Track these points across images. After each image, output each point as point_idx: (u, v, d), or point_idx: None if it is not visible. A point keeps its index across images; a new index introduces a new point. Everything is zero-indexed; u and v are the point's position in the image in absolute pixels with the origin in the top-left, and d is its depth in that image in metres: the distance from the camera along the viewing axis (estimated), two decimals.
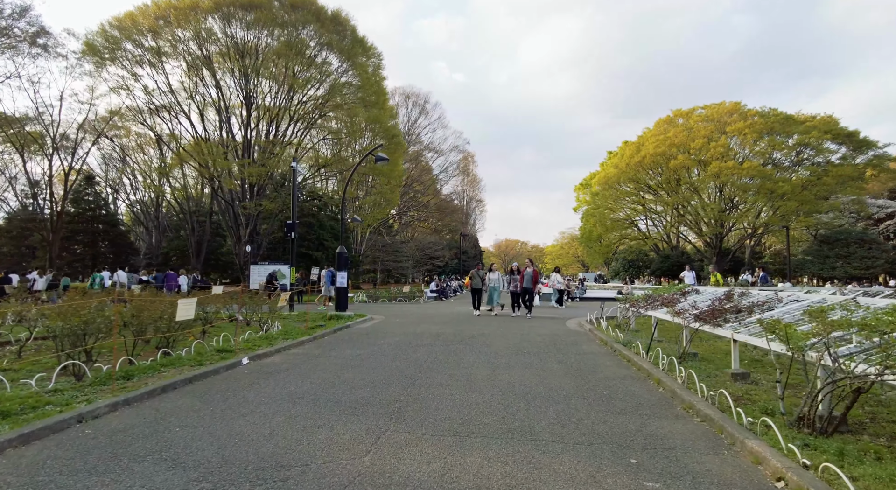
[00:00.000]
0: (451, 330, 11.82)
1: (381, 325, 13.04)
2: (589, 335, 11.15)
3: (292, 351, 8.93)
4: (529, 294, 14.70)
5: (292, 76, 26.73)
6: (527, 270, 14.64)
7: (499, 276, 15.30)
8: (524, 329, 11.91)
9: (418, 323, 13.50)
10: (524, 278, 14.55)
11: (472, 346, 9.35)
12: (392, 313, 17.02)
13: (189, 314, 7.05)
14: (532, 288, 14.75)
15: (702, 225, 46.99)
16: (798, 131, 41.60)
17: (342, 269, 14.69)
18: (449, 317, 15.53)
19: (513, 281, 14.90)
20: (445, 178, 56.36)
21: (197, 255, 34.94)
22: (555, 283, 20.42)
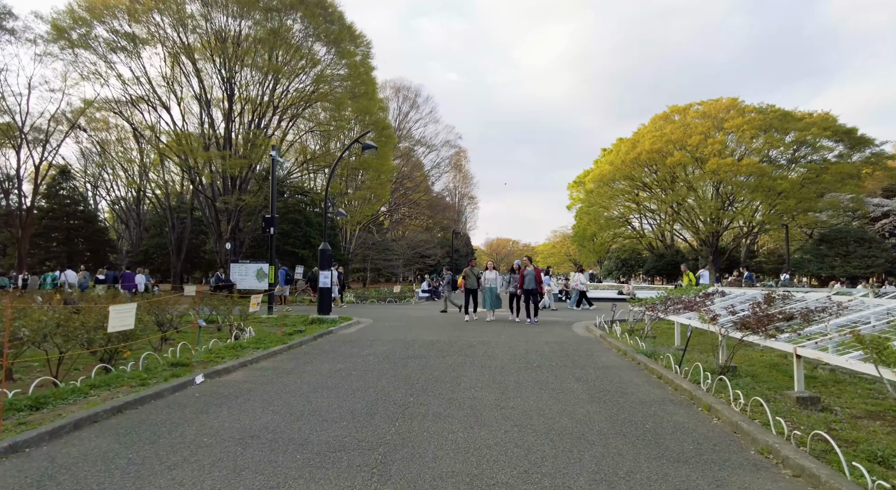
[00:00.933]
0: (447, 336, 10.53)
1: (368, 331, 11.72)
2: (601, 343, 9.92)
3: (260, 365, 7.59)
4: (533, 296, 13.00)
5: (276, 64, 25.24)
6: (527, 269, 13.04)
7: (496, 275, 13.64)
8: (528, 336, 10.65)
9: (409, 327, 12.20)
10: (524, 278, 13.01)
11: (472, 357, 8.07)
12: (381, 316, 15.70)
13: (126, 323, 5.69)
14: (536, 289, 13.03)
15: (698, 223, 46.13)
16: (796, 128, 40.83)
17: (325, 267, 13.35)
18: (443, 320, 14.23)
19: (513, 281, 13.52)
20: (437, 175, 55.09)
21: (177, 252, 33.34)
22: (577, 283, 19.15)
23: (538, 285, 13.16)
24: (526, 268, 13.19)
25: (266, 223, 14.74)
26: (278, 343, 9.27)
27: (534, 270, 13.06)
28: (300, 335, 10.74)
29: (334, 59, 28.02)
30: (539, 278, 13.20)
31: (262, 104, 27.42)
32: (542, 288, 13.58)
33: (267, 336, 10.33)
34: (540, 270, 13.54)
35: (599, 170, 52.66)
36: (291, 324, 12.93)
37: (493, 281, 13.46)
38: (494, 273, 13.66)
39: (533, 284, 13.05)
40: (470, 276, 13.81)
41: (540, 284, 13.25)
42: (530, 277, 13.09)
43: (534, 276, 13.06)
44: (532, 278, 13.05)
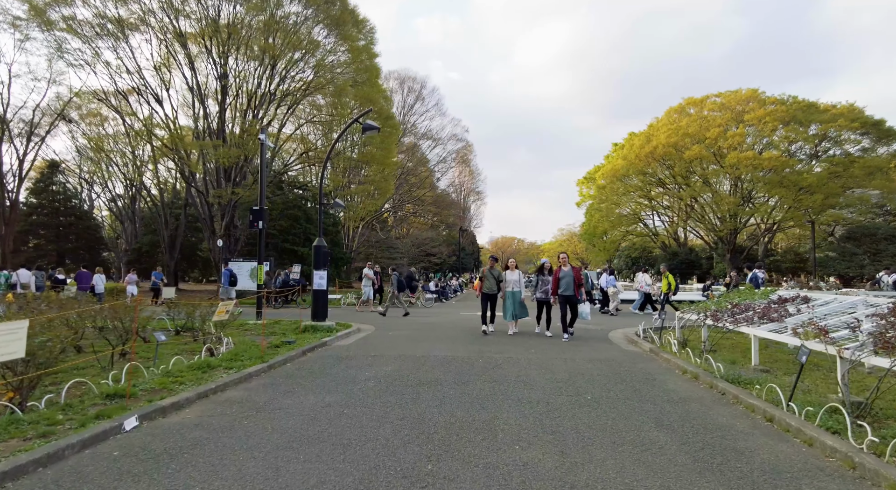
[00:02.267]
0: (465, 351, 8.69)
1: (369, 342, 9.91)
2: (656, 360, 8.07)
3: (226, 395, 5.78)
4: (571, 304, 10.24)
5: (271, 45, 23.46)
6: (563, 270, 10.32)
7: (520, 276, 11.01)
8: (564, 352, 8.78)
9: (418, 338, 10.38)
10: (560, 281, 10.29)
11: (502, 384, 6.24)
12: (384, 321, 13.90)
13: (11, 351, 3.89)
14: (575, 294, 10.25)
15: (715, 220, 44.15)
16: (821, 119, 38.79)
17: (320, 266, 11.55)
18: (456, 327, 12.40)
19: (542, 284, 10.78)
20: (443, 170, 53.19)
21: (170, 250, 31.63)
22: (641, 284, 16.91)
23: (576, 290, 10.40)
24: (561, 267, 10.48)
25: (254, 216, 12.96)
26: (257, 360, 7.47)
27: (571, 271, 10.36)
28: (287, 348, 8.95)
29: (335, 44, 26.21)
30: (579, 280, 10.43)
31: (258, 93, 25.66)
32: (580, 293, 10.58)
33: (247, 349, 8.56)
34: (579, 269, 10.60)
35: (612, 165, 50.67)
36: (281, 332, 11.17)
37: (515, 283, 10.85)
38: (518, 274, 11.00)
39: (571, 289, 10.27)
40: (489, 279, 10.99)
41: (579, 288, 10.46)
42: (568, 280, 10.28)
43: (572, 278, 10.27)
44: (570, 281, 10.27)
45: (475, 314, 15.80)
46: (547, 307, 10.90)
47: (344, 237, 40.77)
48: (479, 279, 11.68)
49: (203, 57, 25.84)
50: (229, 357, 7.87)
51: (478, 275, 21.33)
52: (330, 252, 36.93)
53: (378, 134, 29.10)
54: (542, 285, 10.88)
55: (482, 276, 11.39)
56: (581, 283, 10.61)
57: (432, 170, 51.82)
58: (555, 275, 10.53)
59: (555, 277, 10.50)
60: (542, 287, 10.89)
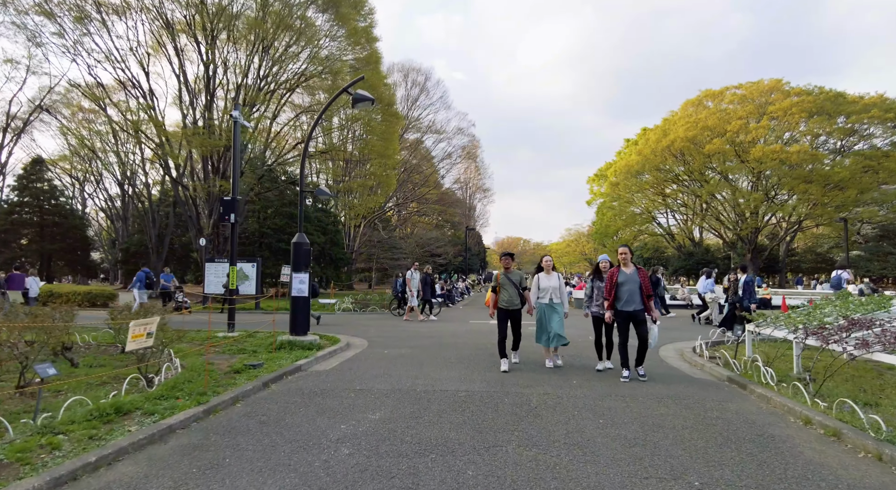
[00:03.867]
0: (483, 383, 6.50)
1: (356, 366, 7.72)
2: (748, 397, 5.83)
3: (109, 476, 3.61)
4: (636, 323, 6.64)
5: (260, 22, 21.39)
6: (622, 272, 6.71)
7: (560, 282, 7.35)
8: (618, 385, 6.54)
9: (420, 358, 8.20)
10: (616, 288, 6.65)
11: (549, 453, 4.03)
12: (380, 333, 11.72)
13: None
14: (645, 309, 6.69)
15: (736, 218, 41.76)
16: (852, 111, 36.35)
17: (300, 268, 9.38)
18: (468, 342, 10.20)
19: (598, 294, 7.13)
20: (448, 166, 50.88)
21: (157, 250, 29.62)
22: (707, 290, 13.97)
23: (646, 302, 6.68)
24: (620, 268, 6.83)
25: (224, 208, 10.82)
26: (195, 400, 5.31)
27: (637, 273, 6.74)
28: (248, 375, 6.82)
29: (331, 26, 24.11)
30: (647, 288, 6.72)
31: (247, 82, 23.62)
32: (651, 306, 6.82)
33: (197, 375, 6.44)
34: (646, 272, 6.93)
35: (625, 161, 48.33)
36: (251, 349, 9.02)
37: (556, 293, 7.24)
38: (558, 279, 7.33)
39: (637, 301, 6.62)
40: (506, 287, 7.23)
41: (649, 299, 6.73)
42: (631, 288, 6.63)
43: (638, 285, 6.65)
44: (635, 290, 6.62)
45: (488, 323, 13.63)
46: (608, 328, 7.19)
47: (345, 237, 38.68)
48: (491, 290, 7.66)
49: (190, 42, 23.81)
50: (164, 390, 5.75)
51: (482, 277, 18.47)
52: (331, 253, 35.03)
53: (380, 124, 27.06)
54: (599, 295, 7.20)
55: (496, 285, 7.41)
56: (651, 293, 6.76)
57: (437, 167, 49.64)
58: (609, 278, 6.77)
59: (609, 282, 6.75)
60: (598, 298, 7.21)
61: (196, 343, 9.99)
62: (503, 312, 7.37)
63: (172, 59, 23.68)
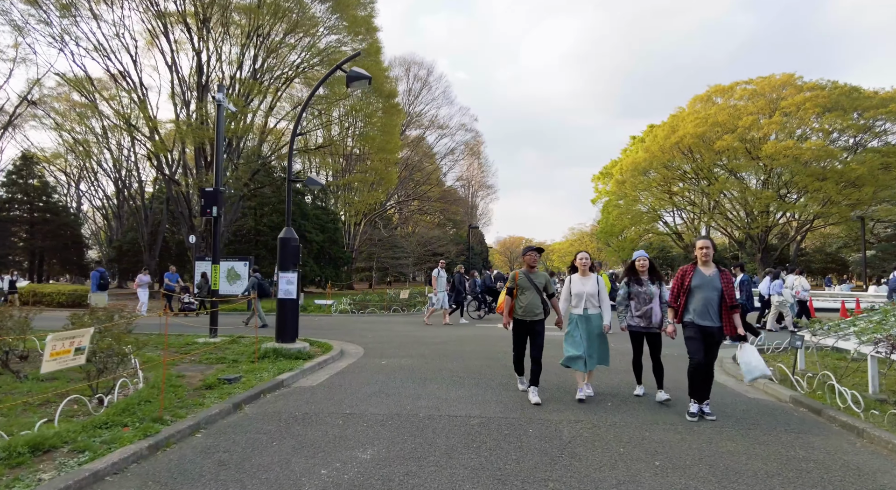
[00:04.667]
0: (500, 405, 5.40)
1: (347, 382, 6.63)
2: (830, 427, 4.74)
3: None
4: (710, 342, 4.90)
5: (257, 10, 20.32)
6: (699, 273, 4.94)
7: (600, 285, 5.65)
8: (668, 414, 5.41)
9: (423, 371, 7.11)
10: (689, 293, 4.94)
11: None
12: (379, 339, 10.63)
13: None
14: (726, 326, 4.85)
15: (746, 217, 40.62)
16: (868, 106, 35.18)
17: (289, 266, 8.31)
18: (477, 352, 9.11)
19: (639, 300, 5.52)
20: (450, 163, 49.82)
21: (150, 248, 28.57)
22: (798, 289, 12.28)
23: (726, 316, 4.86)
24: (696, 268, 5.04)
25: (206, 200, 9.73)
26: (141, 432, 4.24)
27: (719, 276, 4.92)
28: (220, 392, 5.76)
29: (329, 13, 23.04)
30: (731, 296, 4.89)
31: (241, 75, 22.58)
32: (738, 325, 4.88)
33: (154, 396, 5.38)
34: (730, 274, 5.06)
35: (632, 158, 47.23)
36: (231, 358, 7.96)
37: (592, 300, 5.57)
38: (596, 281, 5.65)
39: (715, 313, 4.86)
40: (525, 290, 5.60)
41: (732, 313, 4.87)
42: (708, 296, 4.87)
43: (719, 292, 4.86)
44: (715, 298, 4.86)
45: (496, 327, 12.55)
46: (653, 345, 5.53)
47: (344, 235, 37.62)
48: (505, 293, 5.81)
49: (183, 31, 22.75)
50: (113, 414, 4.69)
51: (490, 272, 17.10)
52: (330, 252, 33.96)
53: (381, 117, 25.96)
54: (640, 302, 5.51)
55: (512, 286, 5.66)
56: (735, 303, 4.86)
57: (439, 164, 48.56)
58: (679, 280, 5.00)
59: (679, 285, 4.98)
60: (639, 306, 5.53)
61: (171, 350, 8.94)
62: (519, 324, 5.60)
63: (165, 50, 22.67)
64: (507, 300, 5.75)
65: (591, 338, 5.52)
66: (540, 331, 5.58)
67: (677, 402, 5.42)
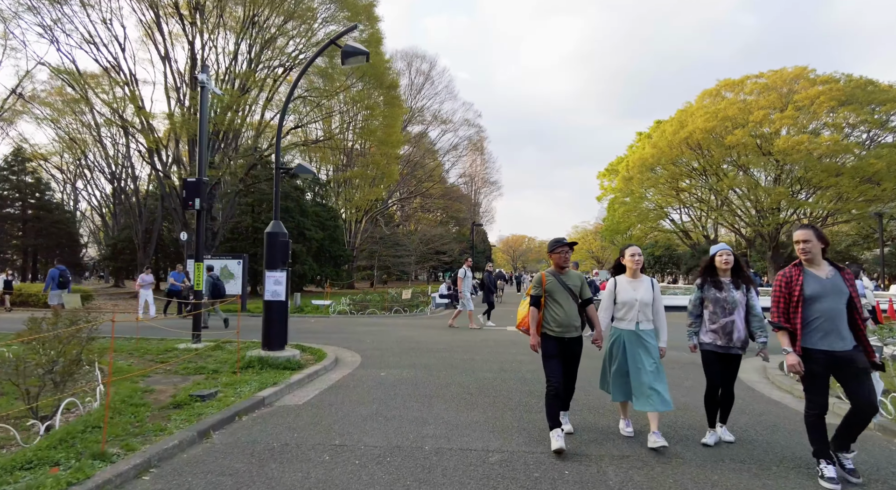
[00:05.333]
0: (525, 439, 4.44)
1: (340, 401, 5.69)
2: None
3: None
4: (850, 372, 3.35)
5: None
6: (812, 277, 3.44)
7: (654, 292, 4.19)
8: (737, 449, 4.39)
9: (428, 387, 6.16)
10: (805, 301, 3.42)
11: None
12: (378, 344, 9.70)
13: None
14: (862, 345, 3.39)
15: (756, 214, 39.57)
16: (886, 99, 34.15)
17: (277, 265, 7.40)
18: (489, 361, 8.16)
19: (720, 309, 4.05)
20: (453, 159, 48.82)
21: (144, 246, 27.71)
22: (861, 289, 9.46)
23: (862, 335, 3.42)
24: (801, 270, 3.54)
25: (188, 191, 8.82)
26: (71, 476, 3.32)
27: (840, 276, 3.48)
28: (190, 412, 4.86)
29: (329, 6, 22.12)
30: (859, 308, 3.43)
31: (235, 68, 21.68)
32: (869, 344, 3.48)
33: (122, 411, 4.51)
34: (852, 274, 3.58)
35: (639, 154, 46.26)
36: (211, 369, 7.04)
37: (643, 310, 4.15)
38: (649, 285, 4.24)
39: (847, 331, 3.40)
40: (558, 297, 4.14)
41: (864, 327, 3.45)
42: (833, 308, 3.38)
43: (847, 299, 3.41)
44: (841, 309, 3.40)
45: (506, 330, 11.56)
46: (730, 371, 4.16)
47: (345, 233, 36.73)
48: (527, 302, 4.37)
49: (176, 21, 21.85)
50: (46, 447, 3.79)
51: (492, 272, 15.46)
52: (330, 250, 33.07)
53: (382, 110, 25.02)
54: (718, 312, 4.09)
55: (538, 292, 4.22)
56: (863, 314, 3.50)
57: (442, 160, 47.59)
58: (783, 290, 3.57)
59: (783, 298, 3.56)
60: (715, 317, 4.10)
61: (147, 358, 8.04)
62: (552, 342, 4.09)
63: (158, 41, 21.76)
64: (533, 313, 4.18)
65: (639, 363, 4.06)
66: (579, 353, 4.22)
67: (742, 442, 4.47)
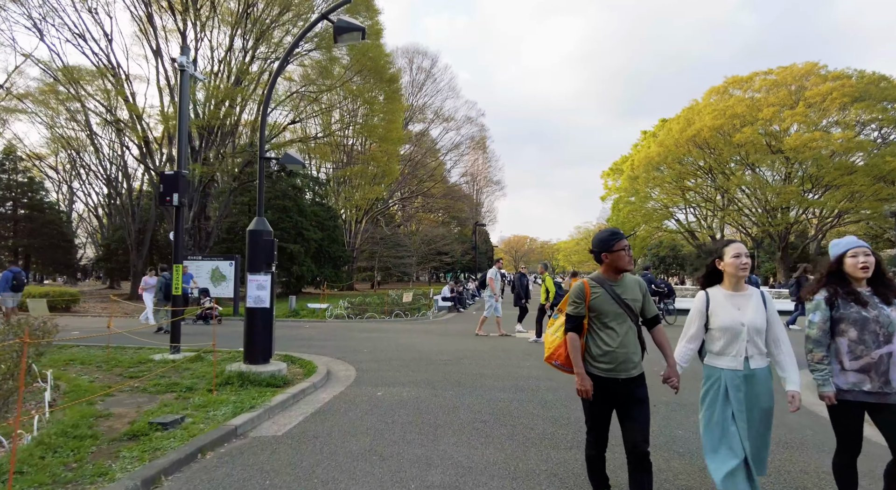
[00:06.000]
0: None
1: (328, 431, 4.77)
2: None
3: None
4: None
5: None
6: None
7: (769, 308, 2.82)
8: None
9: (432, 414, 5.26)
10: None
11: None
12: (376, 354, 8.79)
13: None
14: None
15: (765, 214, 38.64)
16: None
17: (259, 266, 6.51)
18: (502, 376, 7.24)
19: (860, 334, 2.69)
20: (456, 157, 47.90)
21: (137, 247, 26.82)
22: None
23: None
24: None
25: (165, 185, 7.93)
26: None
27: None
28: (143, 448, 3.99)
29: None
30: None
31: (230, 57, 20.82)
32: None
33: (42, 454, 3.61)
34: None
35: (644, 153, 45.38)
36: (185, 386, 6.17)
37: (754, 336, 2.77)
38: (759, 299, 2.84)
39: None
40: (611, 321, 2.81)
41: None
42: None
43: None
44: None
45: (515, 336, 10.61)
46: (891, 430, 2.70)
47: (345, 233, 35.86)
48: (558, 314, 3.07)
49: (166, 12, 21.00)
50: None
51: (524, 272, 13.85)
52: (329, 251, 32.18)
53: (382, 105, 24.15)
54: (863, 340, 2.71)
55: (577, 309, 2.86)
56: None
57: (443, 160, 46.69)
58: None
59: None
60: (858, 347, 2.72)
61: (115, 372, 7.16)
62: (603, 388, 2.81)
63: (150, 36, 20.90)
64: (574, 341, 2.85)
65: (752, 417, 2.75)
66: (644, 398, 2.80)
67: None
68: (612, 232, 2.91)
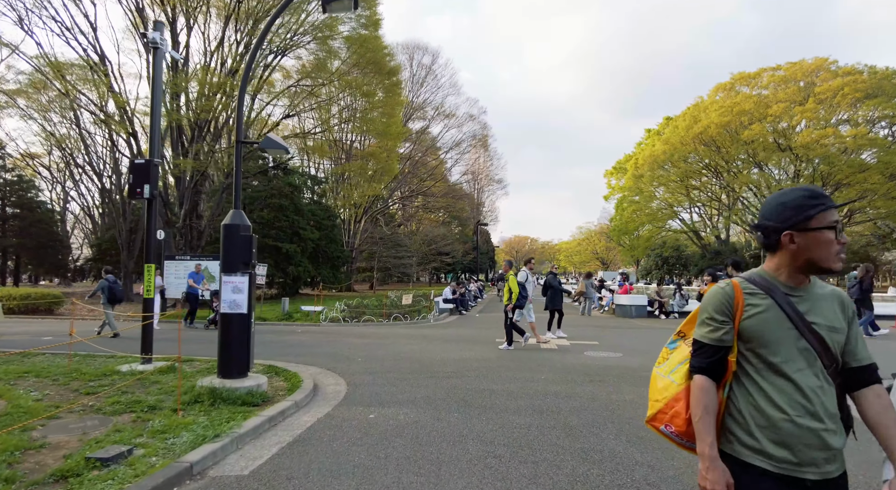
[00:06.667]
0: None
1: (303, 471, 3.87)
2: None
3: None
4: None
5: None
6: None
7: None
8: None
9: (435, 451, 4.33)
10: None
11: None
12: (371, 365, 7.90)
13: None
14: None
15: None
16: None
17: (235, 265, 5.63)
18: (516, 393, 6.34)
19: None
20: (457, 156, 46.99)
21: (128, 247, 25.99)
22: None
23: None
24: None
25: (135, 175, 7.06)
26: None
27: None
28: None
29: None
30: None
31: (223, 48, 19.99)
32: None
33: None
34: None
35: (649, 152, 44.52)
36: (149, 405, 5.29)
37: None
38: None
39: None
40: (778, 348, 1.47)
41: None
42: None
43: None
44: None
45: (522, 343, 9.59)
46: None
47: (343, 233, 35.00)
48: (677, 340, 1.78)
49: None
50: None
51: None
52: (327, 251, 31.38)
53: (381, 100, 23.29)
54: None
55: (724, 339, 1.54)
56: None
57: (444, 158, 45.81)
58: None
59: None
60: None
61: (72, 387, 6.26)
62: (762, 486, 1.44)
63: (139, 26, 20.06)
64: (708, 391, 1.54)
65: None
66: None
67: None
68: (810, 192, 1.53)
